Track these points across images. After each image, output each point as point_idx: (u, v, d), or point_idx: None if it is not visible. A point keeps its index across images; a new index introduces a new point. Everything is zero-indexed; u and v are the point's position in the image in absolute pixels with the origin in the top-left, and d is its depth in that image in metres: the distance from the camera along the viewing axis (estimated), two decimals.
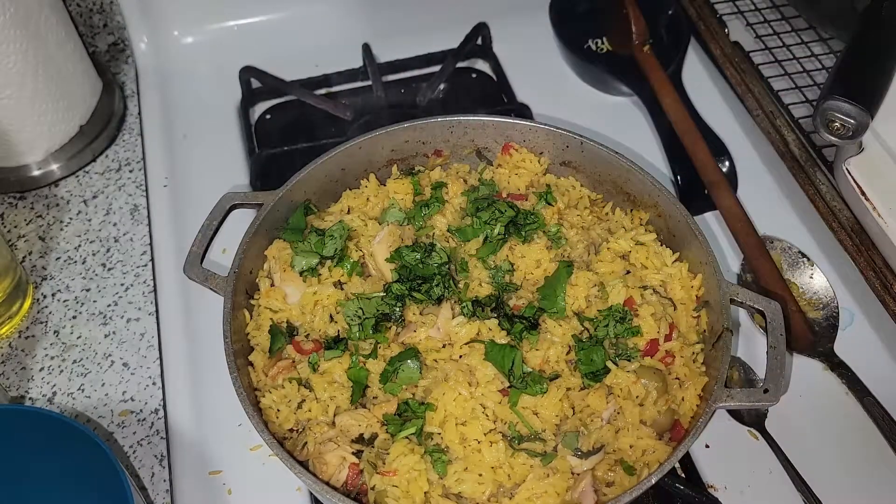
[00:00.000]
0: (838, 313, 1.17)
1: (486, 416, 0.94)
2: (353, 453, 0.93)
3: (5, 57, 1.22)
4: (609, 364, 0.97)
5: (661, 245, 1.11)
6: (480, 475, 0.90)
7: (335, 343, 1.01)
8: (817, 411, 1.10)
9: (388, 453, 0.92)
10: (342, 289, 1.06)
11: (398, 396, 0.97)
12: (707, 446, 1.07)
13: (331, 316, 1.04)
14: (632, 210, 1.16)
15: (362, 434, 0.95)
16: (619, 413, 0.96)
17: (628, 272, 1.07)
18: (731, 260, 1.25)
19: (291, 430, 0.98)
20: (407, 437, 0.93)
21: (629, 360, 0.99)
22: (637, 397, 0.96)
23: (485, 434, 0.92)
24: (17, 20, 1.22)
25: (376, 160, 1.19)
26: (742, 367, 1.12)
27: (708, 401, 0.93)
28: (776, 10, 1.47)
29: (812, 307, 1.18)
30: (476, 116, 1.19)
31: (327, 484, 0.91)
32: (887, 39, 1.10)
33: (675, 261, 1.09)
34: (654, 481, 0.87)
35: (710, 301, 1.03)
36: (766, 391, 0.93)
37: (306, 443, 0.95)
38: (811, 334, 1.15)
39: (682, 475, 1.04)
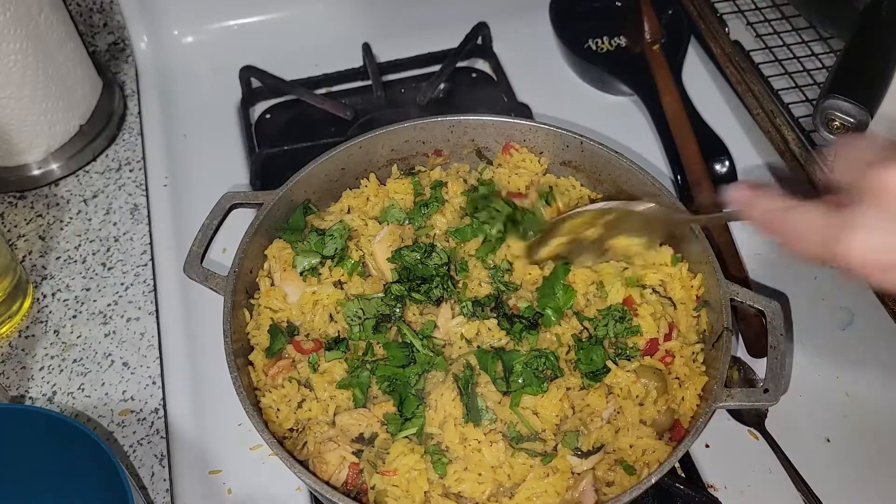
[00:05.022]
0: None
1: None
2: (353, 453, 0.93)
3: (5, 57, 1.22)
4: (609, 364, 0.97)
5: (661, 245, 1.11)
6: (480, 475, 0.90)
7: (335, 343, 1.01)
8: (817, 411, 1.10)
9: (388, 453, 0.92)
10: (342, 288, 1.06)
11: None
12: (707, 446, 1.07)
13: (331, 315, 1.04)
14: None
15: (362, 433, 0.95)
16: (619, 413, 0.96)
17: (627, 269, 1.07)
18: None
19: (291, 430, 0.98)
20: (407, 437, 0.93)
21: (629, 360, 0.99)
22: (637, 397, 0.96)
23: (485, 434, 0.92)
24: (17, 20, 1.21)
25: (376, 160, 1.19)
26: (742, 367, 1.12)
27: (708, 401, 0.93)
28: (776, 10, 1.47)
29: None
30: (476, 116, 1.19)
31: (327, 483, 0.90)
32: (887, 39, 1.10)
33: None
34: (654, 481, 0.87)
35: (710, 301, 1.03)
36: (766, 391, 0.93)
37: (306, 442, 0.95)
38: None
39: (682, 475, 1.04)
